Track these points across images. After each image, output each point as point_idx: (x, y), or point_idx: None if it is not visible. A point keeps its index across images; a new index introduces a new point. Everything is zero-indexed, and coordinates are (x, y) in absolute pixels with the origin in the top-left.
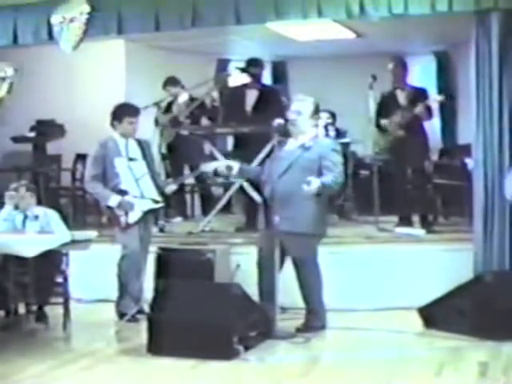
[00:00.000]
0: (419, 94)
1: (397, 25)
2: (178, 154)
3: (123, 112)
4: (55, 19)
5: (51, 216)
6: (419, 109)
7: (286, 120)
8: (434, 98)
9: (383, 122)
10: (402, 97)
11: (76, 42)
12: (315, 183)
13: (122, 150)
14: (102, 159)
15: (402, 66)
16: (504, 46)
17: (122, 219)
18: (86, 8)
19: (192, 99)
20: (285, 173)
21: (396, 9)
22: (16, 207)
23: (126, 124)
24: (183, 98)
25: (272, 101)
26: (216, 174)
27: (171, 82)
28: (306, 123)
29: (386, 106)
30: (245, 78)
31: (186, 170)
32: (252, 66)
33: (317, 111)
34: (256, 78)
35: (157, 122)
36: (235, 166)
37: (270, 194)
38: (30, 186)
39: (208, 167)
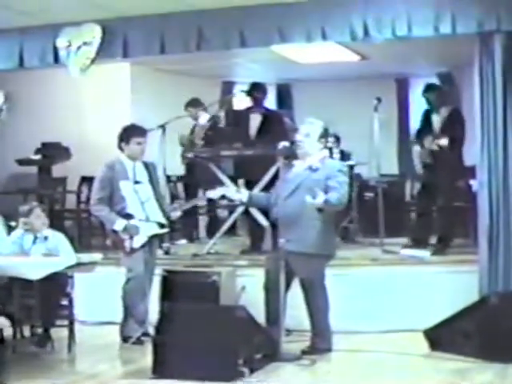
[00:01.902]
0: (454, 117)
1: (401, 47)
2: (194, 175)
3: (130, 133)
4: (61, 42)
5: (59, 238)
6: (443, 141)
7: (293, 142)
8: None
9: (416, 149)
10: (436, 120)
11: (86, 65)
12: (320, 197)
13: (129, 173)
14: (108, 181)
15: (436, 91)
16: (507, 68)
17: (127, 243)
18: (98, 31)
19: (210, 120)
20: (292, 194)
21: (400, 31)
22: (26, 230)
23: (133, 145)
24: (204, 119)
25: (275, 124)
26: (223, 198)
27: (193, 103)
28: (313, 146)
29: (423, 128)
30: (248, 102)
31: (201, 194)
32: (255, 90)
33: (325, 135)
34: (259, 102)
35: (182, 144)
36: (244, 193)
37: (277, 216)
38: (43, 206)
39: (215, 194)
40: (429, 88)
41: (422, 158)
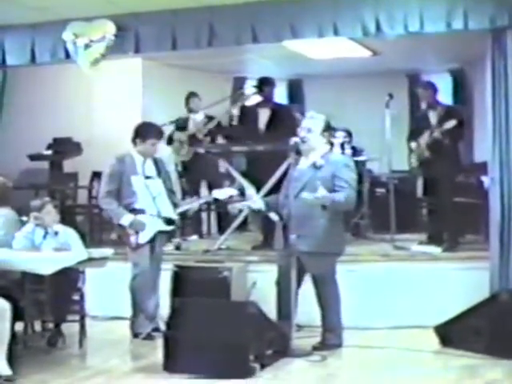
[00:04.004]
0: (451, 112)
1: (413, 43)
2: (195, 171)
3: (148, 133)
4: (67, 36)
5: (70, 234)
6: (447, 125)
7: (299, 138)
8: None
9: (411, 144)
10: (433, 116)
11: (96, 60)
12: (320, 192)
13: (138, 168)
14: (118, 175)
15: (431, 89)
16: None
17: (132, 239)
18: (111, 27)
19: (208, 117)
20: (300, 193)
21: (412, 27)
22: (37, 225)
23: (148, 145)
24: (200, 116)
25: (285, 119)
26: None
27: (194, 97)
28: (316, 140)
29: (417, 127)
30: (257, 97)
31: (203, 187)
32: (264, 84)
33: (328, 128)
34: (268, 96)
35: (170, 140)
36: (260, 202)
37: (287, 215)
38: (55, 202)
39: (222, 194)
40: (426, 85)
41: (418, 153)
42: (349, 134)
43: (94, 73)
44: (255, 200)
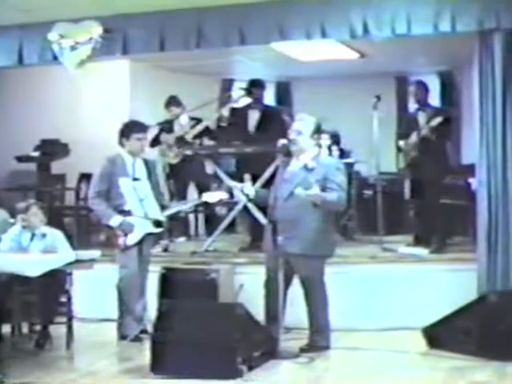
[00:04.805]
0: (440, 112)
1: (400, 45)
2: (183, 173)
3: (131, 129)
4: (52, 36)
5: (57, 235)
6: (434, 122)
7: (288, 140)
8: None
9: (400, 143)
10: (422, 117)
11: (82, 61)
12: (314, 190)
13: (128, 169)
14: (108, 176)
15: (422, 88)
16: (507, 66)
17: (121, 240)
18: (98, 29)
19: (193, 119)
20: (291, 195)
21: (399, 29)
22: (24, 227)
23: (133, 140)
24: (184, 118)
25: (274, 121)
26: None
27: (174, 102)
28: (306, 142)
29: (406, 128)
30: (246, 99)
31: (191, 189)
32: (254, 86)
33: (318, 131)
34: (258, 98)
35: (156, 142)
36: (251, 189)
37: (277, 217)
38: (41, 203)
39: (212, 198)
40: (419, 84)
41: (406, 153)
42: (336, 136)
43: (81, 74)
44: (248, 186)
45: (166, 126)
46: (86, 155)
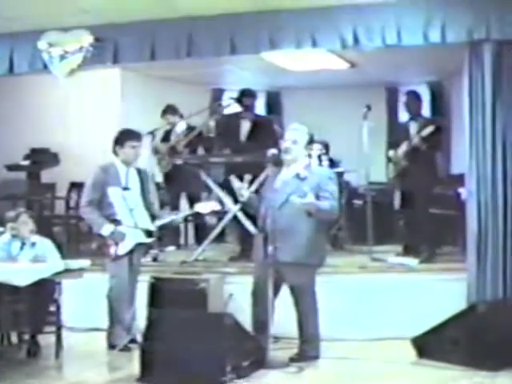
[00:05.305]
0: (431, 122)
1: (391, 55)
2: (175, 183)
3: (125, 137)
4: (42, 45)
5: (47, 245)
6: (425, 131)
7: (280, 149)
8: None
9: (390, 153)
10: (413, 127)
11: (72, 70)
12: (309, 198)
13: (121, 178)
14: (100, 185)
15: (415, 98)
16: (497, 77)
17: (112, 250)
18: (88, 38)
19: (190, 128)
20: (284, 205)
21: (389, 39)
22: (14, 236)
23: (127, 148)
24: (181, 127)
25: (265, 130)
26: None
27: (171, 110)
28: (300, 152)
29: (396, 137)
30: (238, 108)
31: (183, 199)
32: (245, 96)
33: (311, 141)
34: (248, 107)
35: (156, 151)
36: (246, 192)
37: (269, 226)
38: (31, 212)
39: (204, 209)
40: (413, 94)
41: (396, 162)
42: (326, 145)
43: (72, 83)
44: (245, 187)
45: (162, 135)
46: (76, 164)
